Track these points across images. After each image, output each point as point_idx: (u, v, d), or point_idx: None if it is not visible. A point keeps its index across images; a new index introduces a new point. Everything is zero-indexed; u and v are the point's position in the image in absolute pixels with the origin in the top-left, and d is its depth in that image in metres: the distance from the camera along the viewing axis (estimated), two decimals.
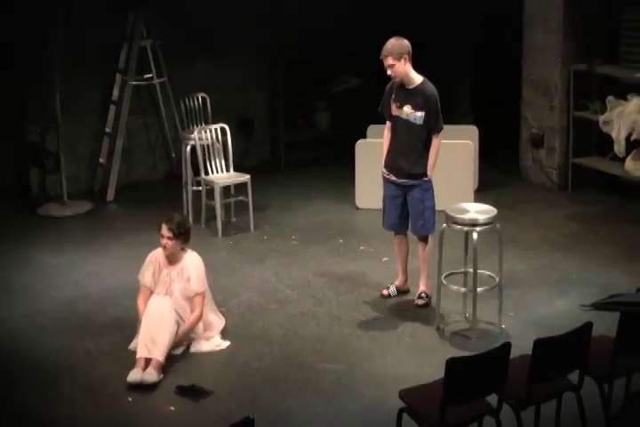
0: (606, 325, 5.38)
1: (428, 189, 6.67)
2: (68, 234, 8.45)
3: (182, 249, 6.19)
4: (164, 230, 6.08)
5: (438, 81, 6.68)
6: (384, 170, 6.76)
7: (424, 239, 6.79)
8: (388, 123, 6.76)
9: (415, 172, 6.62)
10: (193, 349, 6.17)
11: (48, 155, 9.15)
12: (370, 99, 8.37)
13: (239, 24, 9.89)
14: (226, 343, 6.26)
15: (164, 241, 6.10)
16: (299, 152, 10.48)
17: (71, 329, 6.53)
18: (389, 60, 6.45)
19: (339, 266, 7.59)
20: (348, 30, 10.32)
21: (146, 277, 6.24)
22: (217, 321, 6.35)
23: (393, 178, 6.71)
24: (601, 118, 8.76)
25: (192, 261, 6.20)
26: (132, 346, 6.07)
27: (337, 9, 10.36)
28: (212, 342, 6.23)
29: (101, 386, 5.75)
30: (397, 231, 6.91)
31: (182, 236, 6.11)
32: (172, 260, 6.18)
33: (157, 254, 6.23)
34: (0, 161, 9.12)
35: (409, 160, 6.61)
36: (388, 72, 6.51)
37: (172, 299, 6.11)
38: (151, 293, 6.19)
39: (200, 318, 6.15)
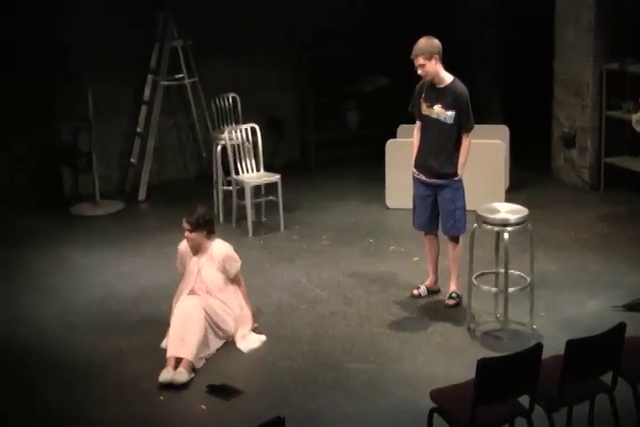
0: (636, 326, 5.34)
1: (459, 188, 6.65)
2: (99, 233, 8.51)
3: (208, 239, 6.26)
4: (184, 223, 6.19)
5: (468, 81, 6.66)
6: (414, 170, 6.75)
7: (455, 239, 6.77)
8: (418, 122, 6.74)
9: (445, 171, 6.60)
10: (241, 346, 6.20)
11: (80, 155, 9.24)
12: (400, 98, 8.36)
13: (269, 24, 9.91)
14: (262, 337, 6.30)
15: (186, 233, 6.19)
16: (328, 152, 10.48)
17: (103, 328, 6.57)
18: (420, 60, 6.43)
19: (369, 266, 7.59)
20: (376, 30, 10.32)
21: (179, 267, 6.39)
22: (247, 315, 6.37)
23: (423, 178, 6.69)
24: (634, 117, 8.65)
25: (220, 248, 6.28)
26: (164, 344, 6.10)
27: (364, 9, 10.37)
28: (252, 338, 6.26)
29: (133, 385, 5.79)
30: (428, 231, 6.90)
31: (202, 227, 6.18)
32: (197, 250, 6.25)
33: (186, 245, 6.32)
34: (33, 161, 9.21)
35: (439, 160, 6.59)
36: (419, 72, 6.50)
37: (202, 297, 6.14)
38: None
39: (245, 291, 6.36)
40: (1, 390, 5.79)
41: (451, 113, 6.51)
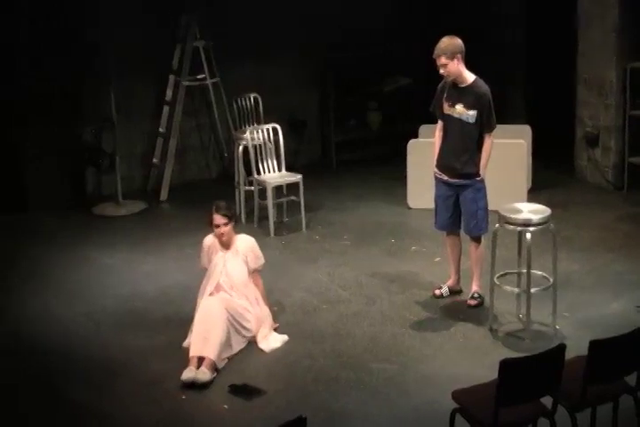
0: None
1: (481, 188, 6.63)
2: (122, 233, 8.55)
3: (234, 233, 6.31)
4: (218, 218, 6.18)
5: (491, 80, 6.64)
6: (436, 170, 6.73)
7: (477, 239, 6.75)
8: (440, 122, 6.73)
9: (468, 171, 6.58)
10: (263, 346, 6.21)
11: (103, 155, 9.28)
12: (421, 98, 8.36)
13: (290, 24, 9.93)
14: (284, 336, 6.32)
15: (221, 229, 6.20)
16: (350, 152, 10.49)
17: (126, 327, 6.60)
18: (442, 60, 6.41)
19: (391, 266, 7.58)
20: (397, 30, 10.33)
21: (204, 262, 6.40)
22: (267, 314, 6.39)
23: (445, 178, 6.67)
24: None
25: (245, 241, 6.34)
26: (185, 343, 6.13)
27: (385, 8, 10.38)
28: (274, 338, 6.28)
29: (155, 383, 5.81)
30: (449, 231, 6.88)
31: (233, 218, 6.25)
32: (227, 244, 6.28)
33: (211, 240, 6.34)
34: (57, 161, 9.25)
35: (461, 160, 6.57)
36: (441, 71, 6.48)
37: (224, 298, 6.15)
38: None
39: (263, 290, 6.39)
40: (25, 388, 5.82)
41: (472, 113, 6.49)
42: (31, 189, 9.09)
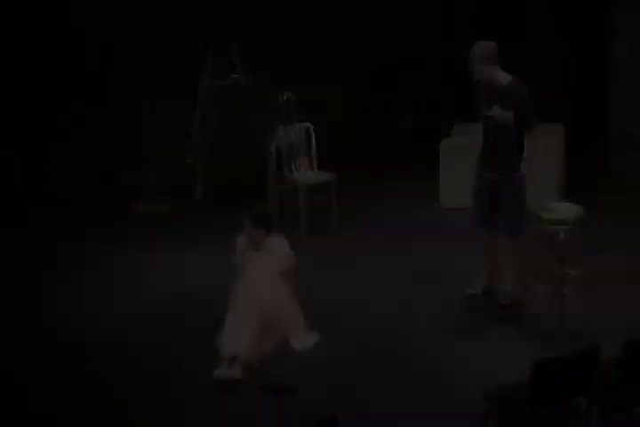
0: None
1: (520, 187, 6.61)
2: (156, 232, 8.58)
3: (267, 236, 6.31)
4: (245, 220, 6.22)
5: (526, 80, 6.62)
6: (476, 167, 6.73)
7: (514, 238, 6.73)
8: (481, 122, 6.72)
9: (506, 170, 6.57)
10: (295, 346, 6.23)
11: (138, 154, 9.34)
12: (455, 98, 8.33)
13: (325, 23, 9.93)
14: (317, 336, 6.31)
15: (246, 230, 6.22)
16: (383, 151, 10.47)
17: (160, 326, 6.64)
18: (477, 64, 6.41)
19: (424, 265, 7.56)
20: (433, 30, 10.30)
21: (237, 261, 6.40)
22: (299, 313, 6.38)
23: (484, 175, 6.67)
24: None
25: (276, 244, 6.33)
26: (219, 342, 6.14)
27: (422, 9, 10.35)
28: (306, 338, 6.27)
29: (189, 382, 5.84)
30: (486, 230, 6.87)
31: (262, 225, 6.24)
32: (257, 247, 6.29)
33: (245, 239, 6.35)
34: (92, 159, 9.31)
35: (500, 160, 6.58)
36: (476, 77, 6.49)
37: (257, 297, 6.17)
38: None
39: (295, 290, 6.34)
40: (61, 388, 5.88)
41: (510, 113, 6.47)
42: (66, 186, 9.16)
